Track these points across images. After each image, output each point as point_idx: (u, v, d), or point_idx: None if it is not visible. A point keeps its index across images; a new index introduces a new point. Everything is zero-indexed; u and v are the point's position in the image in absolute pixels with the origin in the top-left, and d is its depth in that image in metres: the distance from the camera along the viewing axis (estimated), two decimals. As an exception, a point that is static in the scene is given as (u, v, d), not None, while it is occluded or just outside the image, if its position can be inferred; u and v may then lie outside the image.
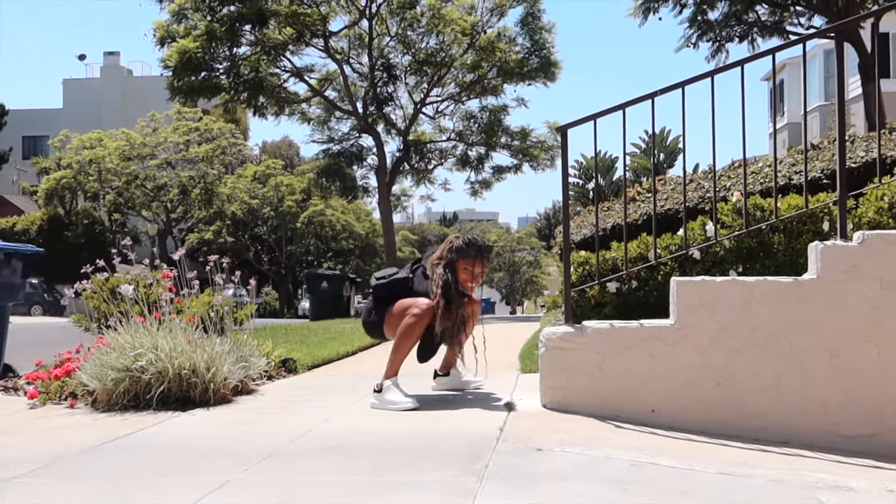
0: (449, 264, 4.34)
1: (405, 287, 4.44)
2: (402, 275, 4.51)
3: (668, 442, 3.51)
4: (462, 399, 4.46)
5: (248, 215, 40.76)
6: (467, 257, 4.35)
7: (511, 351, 6.90)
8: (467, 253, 4.35)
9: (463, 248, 4.36)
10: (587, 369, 3.96)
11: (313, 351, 7.18)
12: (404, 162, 24.92)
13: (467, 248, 4.35)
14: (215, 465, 3.07)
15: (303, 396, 4.81)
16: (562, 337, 4.01)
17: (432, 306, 4.25)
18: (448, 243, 4.45)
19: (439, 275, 4.32)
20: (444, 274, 4.31)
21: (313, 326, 12.61)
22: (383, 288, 4.48)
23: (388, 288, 4.46)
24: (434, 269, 4.38)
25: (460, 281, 4.34)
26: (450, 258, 4.36)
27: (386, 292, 4.46)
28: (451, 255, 4.36)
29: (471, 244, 4.37)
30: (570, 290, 4.27)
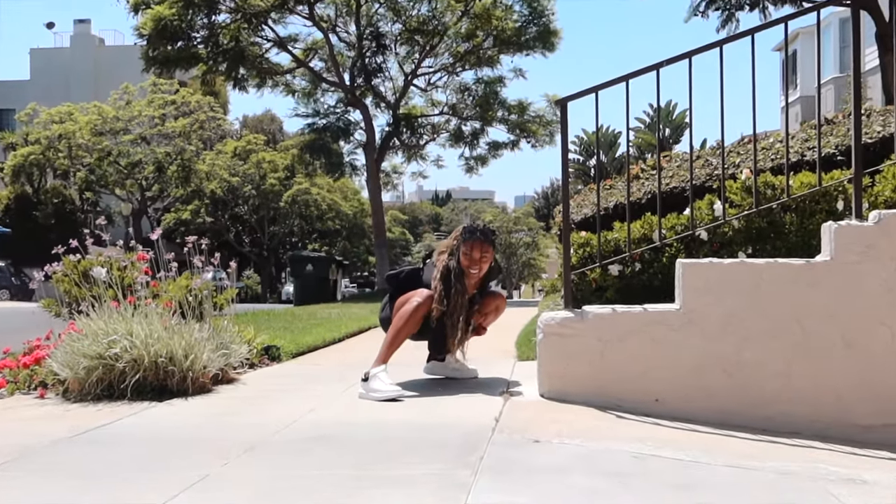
0: (453, 252, 4.44)
1: (416, 279, 4.52)
2: (410, 268, 4.64)
3: (672, 433, 3.52)
4: (456, 387, 4.46)
5: (228, 194, 40.65)
6: (466, 242, 4.42)
7: (507, 337, 6.91)
8: (467, 238, 4.42)
9: (462, 233, 4.46)
10: (587, 356, 3.97)
11: (298, 338, 7.18)
12: (394, 137, 24.85)
13: (466, 233, 4.44)
14: (194, 458, 3.07)
15: (287, 385, 4.82)
16: (561, 322, 4.02)
17: (431, 294, 4.32)
18: (455, 232, 4.56)
19: (442, 262, 4.43)
20: (446, 260, 4.41)
21: (297, 312, 12.60)
22: (394, 281, 4.60)
23: (399, 281, 4.57)
24: (439, 257, 4.48)
25: (464, 267, 4.40)
26: (453, 245, 4.46)
27: (397, 286, 4.56)
28: (454, 243, 4.47)
29: (470, 229, 4.47)
30: (570, 273, 4.27)
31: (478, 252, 4.42)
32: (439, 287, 4.33)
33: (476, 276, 4.46)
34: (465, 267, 4.41)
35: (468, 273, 4.43)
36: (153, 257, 5.20)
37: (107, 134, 34.78)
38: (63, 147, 34.60)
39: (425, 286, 4.41)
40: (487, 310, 4.57)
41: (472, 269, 4.42)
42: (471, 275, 4.44)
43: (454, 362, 4.81)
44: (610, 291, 4.92)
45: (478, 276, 4.48)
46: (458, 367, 4.81)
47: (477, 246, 4.42)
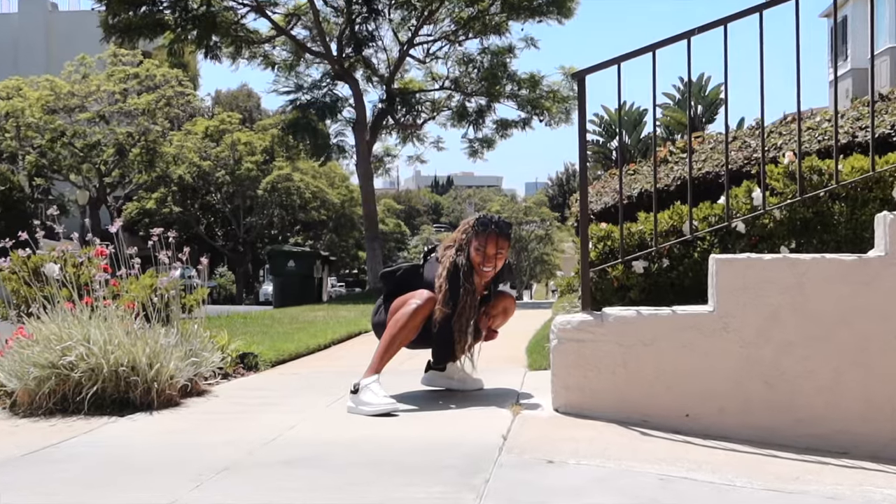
0: (462, 246, 4.44)
1: (415, 277, 4.52)
2: (408, 264, 4.65)
3: (704, 453, 3.53)
4: (458, 400, 4.47)
5: (199, 180, 40.67)
6: (479, 236, 4.42)
7: (517, 344, 6.92)
8: (480, 231, 4.42)
9: (475, 226, 4.45)
10: (608, 365, 3.97)
11: (278, 344, 7.19)
12: (388, 115, 24.84)
13: (479, 225, 4.44)
14: (159, 481, 3.08)
15: (265, 398, 4.82)
16: (578, 327, 4.02)
17: (433, 296, 4.31)
18: (464, 226, 4.56)
19: (448, 257, 4.42)
20: (453, 255, 4.40)
21: (278, 315, 12.62)
22: (390, 280, 4.58)
23: (396, 279, 4.56)
24: (445, 252, 4.47)
25: (475, 264, 4.41)
26: (465, 239, 4.46)
27: (393, 285, 4.55)
28: (463, 236, 4.47)
29: (484, 221, 4.46)
30: (588, 271, 4.27)
31: (493, 247, 4.42)
32: (444, 287, 4.32)
33: (489, 274, 4.47)
34: (476, 264, 4.41)
35: (479, 271, 4.43)
36: (113, 252, 5.20)
37: (60, 112, 34.76)
38: (10, 127, 34.58)
39: (427, 286, 4.40)
40: (494, 311, 4.58)
41: (485, 266, 4.43)
42: (483, 273, 4.44)
43: (457, 372, 4.81)
44: (634, 291, 4.92)
45: (491, 275, 4.49)
46: (462, 377, 4.81)
47: (492, 240, 4.42)
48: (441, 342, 4.47)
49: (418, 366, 4.98)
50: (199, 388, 4.94)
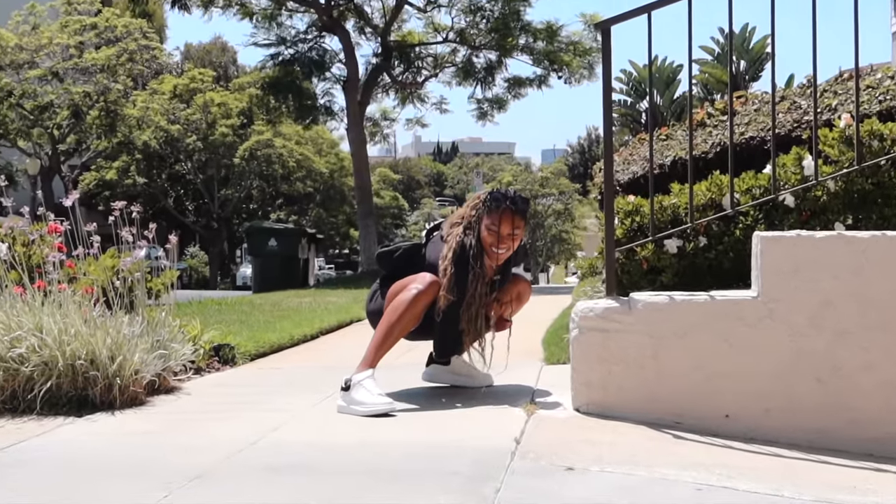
0: (471, 224, 4.44)
1: (416, 258, 4.52)
2: (409, 243, 4.66)
3: (746, 458, 3.53)
4: (465, 398, 4.48)
5: (167, 147, 40.62)
6: (492, 213, 4.42)
7: (532, 334, 6.92)
8: (493, 207, 4.42)
9: (487, 201, 4.45)
10: (636, 359, 3.97)
11: (258, 335, 7.20)
12: (383, 72, 24.79)
13: (491, 201, 4.44)
14: (123, 490, 3.08)
15: (243, 396, 4.83)
16: (602, 314, 4.02)
17: (437, 281, 4.31)
18: (474, 200, 4.57)
19: (455, 236, 4.42)
20: (462, 235, 4.40)
21: (257, 301, 12.64)
22: (387, 261, 4.59)
23: (394, 261, 4.55)
24: (451, 231, 4.47)
25: (486, 245, 4.41)
26: (474, 216, 4.46)
27: (391, 267, 4.56)
28: (473, 213, 4.47)
29: (498, 196, 4.46)
30: (614, 250, 4.26)
31: (507, 226, 4.42)
32: (450, 270, 4.32)
33: (502, 256, 4.48)
34: (487, 245, 4.42)
35: (491, 253, 4.44)
36: (69, 229, 5.20)
37: (7, 68, 34.69)
38: (-51, 86, 34.55)
39: (429, 268, 4.40)
40: (507, 298, 4.58)
41: (499, 248, 4.43)
42: (495, 256, 4.45)
43: (463, 367, 4.82)
44: (666, 274, 4.91)
45: (504, 258, 4.49)
46: (469, 372, 4.82)
47: (506, 218, 4.42)
48: (445, 333, 4.46)
49: (418, 359, 4.98)
50: (168, 384, 4.95)
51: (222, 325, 7.26)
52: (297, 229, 25.59)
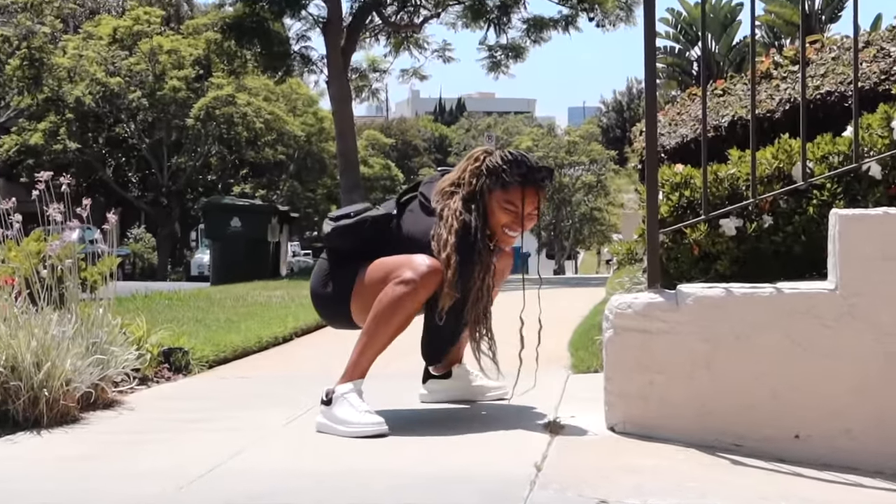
0: (473, 196, 4.37)
1: (386, 233, 4.44)
2: (381, 211, 4.53)
3: (821, 489, 3.53)
4: (472, 416, 4.49)
5: (105, 105, 40.59)
6: (510, 186, 4.36)
7: (556, 335, 6.91)
8: (510, 179, 4.36)
9: (503, 168, 4.37)
10: (685, 366, 3.97)
11: (217, 336, 7.20)
12: (373, 11, 24.72)
13: (511, 168, 4.37)
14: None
15: (199, 413, 4.84)
16: (643, 311, 4.02)
17: (438, 268, 4.23)
18: (473, 161, 4.46)
19: (455, 211, 4.32)
20: (464, 211, 4.32)
21: (217, 295, 12.64)
22: (346, 235, 4.47)
23: (356, 234, 4.46)
24: (445, 202, 4.37)
25: (496, 225, 4.38)
26: (478, 186, 4.38)
27: (351, 243, 4.46)
28: (480, 182, 4.39)
29: (517, 162, 4.39)
30: (658, 232, 4.25)
31: (532, 202, 4.39)
32: (454, 259, 4.22)
33: (512, 241, 4.48)
34: (499, 226, 4.38)
35: (502, 236, 4.41)
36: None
37: None
38: None
39: (409, 245, 4.34)
40: None
41: (515, 230, 4.41)
42: (506, 240, 4.44)
43: (468, 377, 4.84)
44: (722, 262, 4.91)
45: (513, 243, 4.50)
46: (477, 383, 4.84)
47: (532, 194, 4.38)
48: (443, 339, 4.46)
49: (413, 367, 4.98)
50: (107, 397, 4.95)
51: (174, 325, 7.27)
52: (265, 206, 25.56)
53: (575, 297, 10.33)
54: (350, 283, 4.42)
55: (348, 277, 4.43)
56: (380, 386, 4.63)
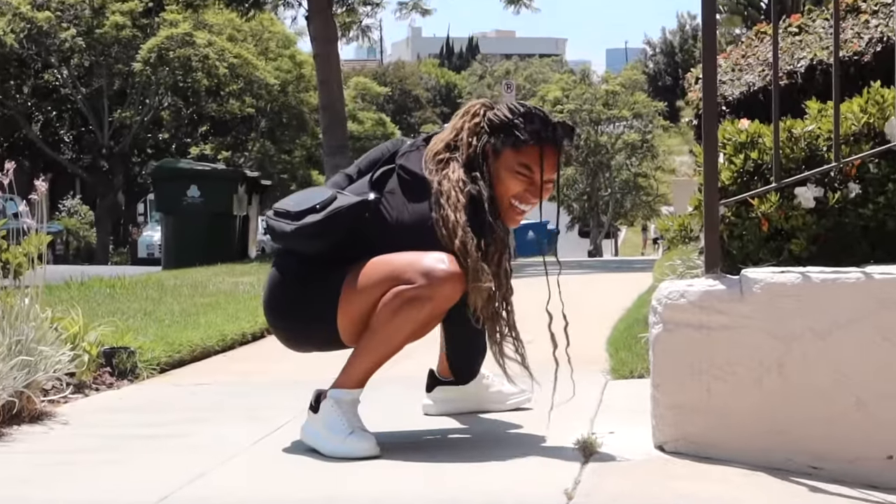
0: (475, 160, 4.35)
1: (365, 226, 4.34)
2: (353, 199, 4.36)
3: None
4: (486, 431, 4.50)
5: (30, 46, 40.56)
6: (522, 145, 4.35)
7: (591, 332, 6.92)
8: (523, 134, 4.35)
9: (513, 122, 4.36)
10: (752, 370, 3.97)
11: (172, 333, 7.21)
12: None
13: (523, 122, 4.36)
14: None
15: (149, 427, 4.86)
16: (699, 302, 4.02)
17: (458, 273, 4.14)
18: (471, 117, 4.44)
19: (457, 182, 4.28)
20: (464, 179, 4.29)
21: (171, 281, 12.65)
22: (315, 236, 4.30)
23: (330, 233, 4.30)
24: (443, 173, 4.34)
25: (503, 196, 4.37)
26: (479, 147, 4.37)
27: (322, 245, 4.33)
28: (482, 142, 4.38)
29: (529, 115, 4.39)
30: (718, 204, 4.25)
31: (551, 165, 4.39)
32: (471, 243, 4.16)
33: (522, 217, 4.49)
34: (507, 196, 4.37)
35: (510, 211, 4.41)
36: None
37: None
38: None
39: (405, 237, 4.26)
40: None
41: (523, 202, 4.41)
42: (516, 214, 4.44)
43: (485, 379, 4.88)
44: (798, 240, 4.90)
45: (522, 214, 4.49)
46: (497, 389, 4.89)
47: (550, 153, 4.37)
48: (478, 347, 4.53)
49: (414, 371, 5.00)
50: (35, 408, 4.95)
51: (117, 319, 7.26)
52: (231, 172, 25.58)
53: (615, 285, 10.35)
54: (334, 296, 4.30)
55: (330, 288, 4.32)
56: (374, 394, 4.63)
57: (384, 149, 4.65)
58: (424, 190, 4.31)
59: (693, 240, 6.66)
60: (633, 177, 57.12)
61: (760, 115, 5.33)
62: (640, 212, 58.86)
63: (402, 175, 4.41)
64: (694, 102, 9.38)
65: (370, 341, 4.24)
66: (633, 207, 58.75)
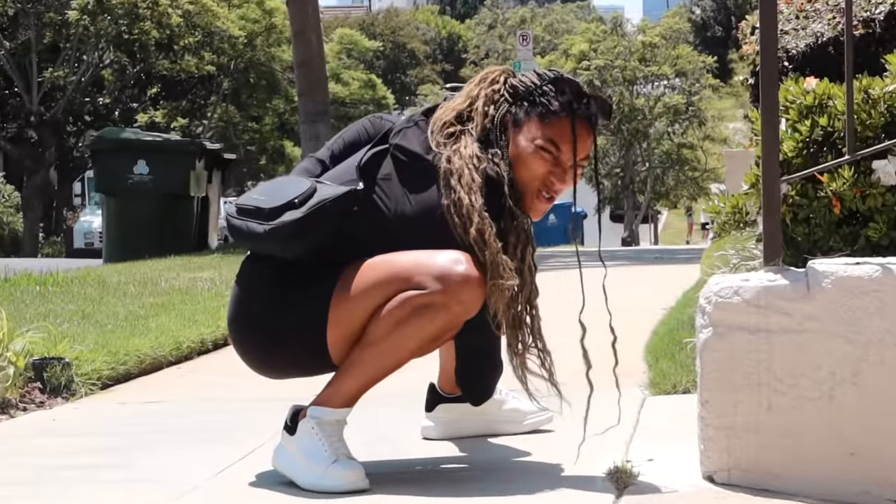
0: (492, 134, 4.34)
1: (355, 221, 4.32)
2: (339, 189, 4.31)
3: None
4: (503, 460, 4.51)
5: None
6: (551, 117, 4.35)
7: (626, 337, 6.91)
8: (551, 104, 4.36)
9: (540, 89, 4.38)
10: (821, 381, 3.98)
11: (115, 340, 7.21)
12: None
13: (553, 91, 4.37)
14: None
15: (87, 456, 4.87)
16: (758, 300, 4.02)
17: (478, 277, 4.11)
18: (489, 84, 4.44)
19: (470, 159, 4.25)
20: (479, 155, 4.27)
21: (114, 277, 12.66)
22: (295, 237, 4.24)
23: (314, 233, 4.25)
24: (453, 148, 4.31)
25: (526, 179, 4.36)
26: (498, 118, 4.37)
27: (306, 247, 4.28)
28: (501, 112, 4.38)
29: (560, 81, 4.41)
30: (779, 181, 4.26)
31: (583, 146, 4.37)
32: (489, 231, 4.12)
33: (547, 207, 4.49)
34: (528, 178, 4.35)
35: (534, 198, 4.39)
36: None
37: None
38: None
39: (410, 234, 4.27)
40: None
41: (549, 188, 4.39)
42: (539, 202, 4.42)
43: (499, 394, 4.89)
44: (877, 224, 4.91)
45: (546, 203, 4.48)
46: (512, 407, 4.92)
47: (584, 128, 4.36)
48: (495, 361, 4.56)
49: (409, 388, 5.01)
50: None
51: (49, 323, 7.28)
52: (187, 144, 25.49)
53: (654, 280, 10.39)
54: (321, 306, 4.26)
55: (315, 297, 4.27)
56: (362, 414, 4.64)
57: (360, 128, 4.64)
58: (428, 174, 4.27)
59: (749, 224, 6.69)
60: (675, 148, 57.08)
61: (830, 73, 5.34)
62: (684, 190, 58.83)
63: (399, 157, 4.36)
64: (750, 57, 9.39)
65: (365, 354, 4.21)
66: (677, 185, 58.71)
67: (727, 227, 7.92)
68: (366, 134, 4.58)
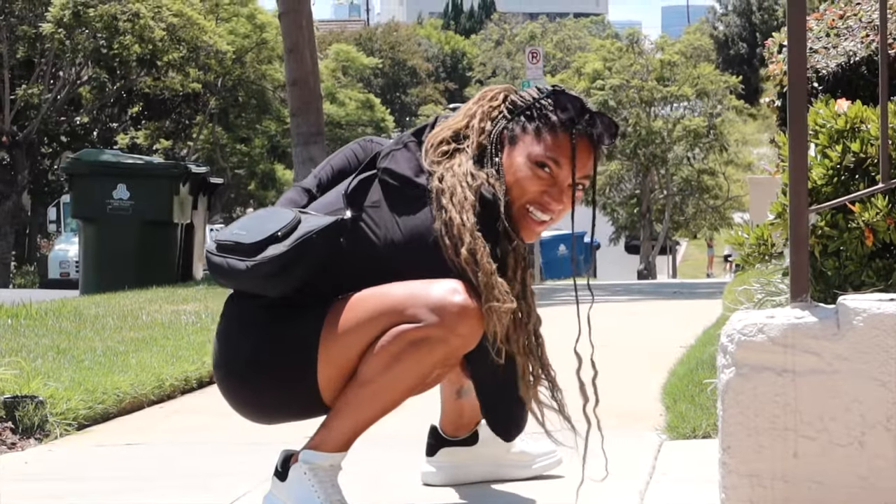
0: (487, 152, 4.36)
1: (344, 251, 4.32)
2: (325, 219, 4.30)
3: None
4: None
5: None
6: (549, 132, 4.37)
7: (641, 376, 6.94)
8: (549, 118, 4.38)
9: (540, 103, 4.40)
10: (852, 426, 3.98)
11: (93, 377, 7.21)
12: None
13: (552, 105, 4.39)
14: None
15: (62, 501, 4.85)
16: (784, 339, 4.02)
17: (475, 309, 4.13)
18: (489, 101, 4.47)
19: (464, 176, 4.26)
20: (474, 173, 4.28)
21: (92, 309, 12.66)
22: (280, 275, 4.23)
23: (300, 268, 4.25)
24: (447, 166, 4.33)
25: (519, 200, 4.37)
26: (494, 135, 4.39)
27: (291, 283, 4.28)
28: (498, 129, 4.40)
29: (561, 95, 4.42)
30: (808, 211, 4.27)
31: (583, 165, 4.38)
32: (483, 252, 4.13)
33: (541, 231, 4.54)
34: (524, 197, 4.36)
35: (527, 224, 4.40)
36: None
37: None
38: None
39: (403, 264, 4.27)
40: None
41: (545, 209, 4.40)
42: (533, 225, 4.43)
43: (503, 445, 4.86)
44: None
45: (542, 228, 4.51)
46: (521, 450, 4.89)
47: (584, 146, 4.37)
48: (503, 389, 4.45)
49: (410, 428, 5.01)
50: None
51: (21, 359, 7.28)
52: (170, 166, 25.53)
53: (672, 316, 10.39)
54: (311, 344, 4.26)
55: (304, 334, 4.29)
56: (357, 458, 4.65)
57: (349, 153, 4.66)
58: (419, 199, 4.29)
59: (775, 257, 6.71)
60: (696, 174, 57.07)
61: (863, 94, 5.36)
62: (705, 220, 58.78)
63: (388, 181, 4.37)
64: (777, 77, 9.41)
65: (359, 394, 4.21)
66: (697, 214, 58.68)
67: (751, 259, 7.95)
68: (355, 159, 4.61)
